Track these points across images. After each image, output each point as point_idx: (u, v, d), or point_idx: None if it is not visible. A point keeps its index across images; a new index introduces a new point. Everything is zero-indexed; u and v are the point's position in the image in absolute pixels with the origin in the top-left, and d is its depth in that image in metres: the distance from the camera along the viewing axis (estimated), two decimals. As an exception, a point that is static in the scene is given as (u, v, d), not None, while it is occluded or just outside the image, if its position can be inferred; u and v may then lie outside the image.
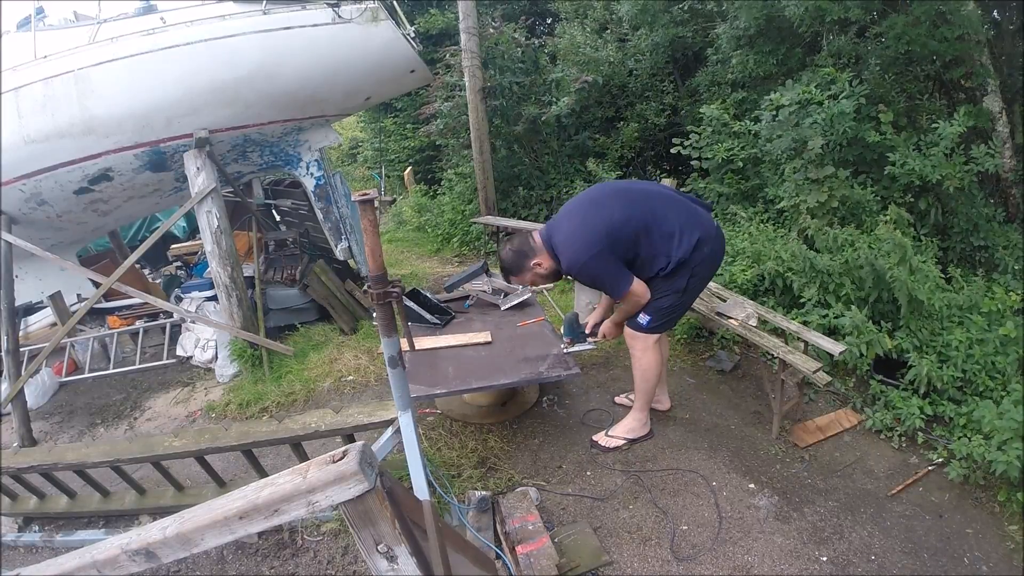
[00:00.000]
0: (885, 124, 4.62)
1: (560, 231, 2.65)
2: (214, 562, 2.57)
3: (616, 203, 2.57)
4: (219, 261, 4.35)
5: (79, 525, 2.95)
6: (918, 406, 3.06)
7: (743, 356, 3.88)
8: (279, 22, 4.06)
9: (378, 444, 2.35)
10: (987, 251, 4.60)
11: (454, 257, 7.50)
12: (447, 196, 8.60)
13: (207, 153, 4.23)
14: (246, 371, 4.33)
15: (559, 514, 2.60)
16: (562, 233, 2.63)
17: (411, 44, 4.43)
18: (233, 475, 3.08)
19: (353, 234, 5.02)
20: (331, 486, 0.98)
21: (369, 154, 13.33)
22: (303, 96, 4.41)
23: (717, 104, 6.12)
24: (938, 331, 3.45)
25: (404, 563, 1.09)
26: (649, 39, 7.89)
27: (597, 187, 2.83)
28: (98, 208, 4.59)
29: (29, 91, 3.96)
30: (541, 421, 3.30)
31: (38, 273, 4.73)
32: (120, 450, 2.60)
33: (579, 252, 2.54)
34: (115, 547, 1.06)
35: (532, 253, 2.69)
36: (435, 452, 3.02)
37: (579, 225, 2.57)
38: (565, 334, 3.01)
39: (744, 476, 2.80)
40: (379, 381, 4.00)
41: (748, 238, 4.68)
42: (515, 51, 7.38)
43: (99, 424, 4.17)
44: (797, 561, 2.33)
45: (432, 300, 3.54)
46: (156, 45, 3.97)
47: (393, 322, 1.93)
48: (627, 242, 2.52)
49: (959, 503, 2.65)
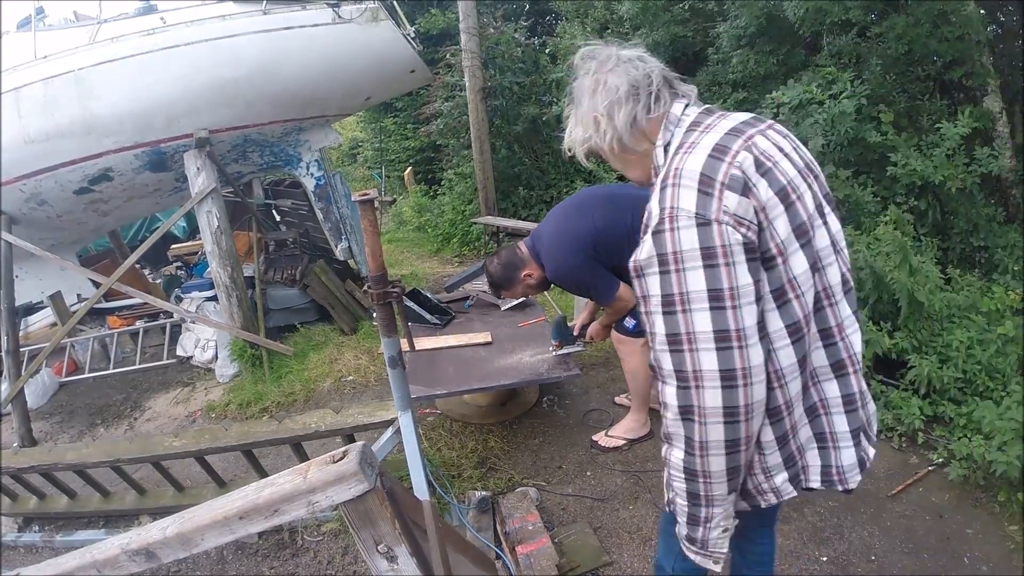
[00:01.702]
0: (886, 124, 4.62)
1: (544, 239, 2.59)
2: (214, 562, 2.57)
3: (600, 209, 2.51)
4: (219, 261, 4.35)
5: (79, 525, 2.96)
6: (918, 406, 3.05)
7: (743, 356, 3.88)
8: (279, 22, 4.06)
9: (378, 444, 2.35)
10: (987, 251, 4.59)
11: (454, 257, 7.50)
12: (447, 196, 8.60)
13: (207, 153, 4.23)
14: (246, 371, 4.33)
15: (559, 514, 2.60)
16: (546, 241, 2.58)
17: (411, 44, 4.43)
18: (233, 475, 3.08)
19: (353, 234, 5.02)
20: (331, 486, 0.97)
21: (369, 154, 13.34)
22: (303, 96, 4.41)
23: (718, 104, 6.12)
24: (938, 331, 3.45)
25: (404, 563, 1.09)
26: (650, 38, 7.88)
27: (582, 192, 2.78)
28: (98, 208, 4.59)
29: (29, 91, 3.96)
30: (541, 421, 3.29)
31: (38, 273, 4.73)
32: (120, 450, 2.60)
33: (563, 260, 2.50)
34: (115, 547, 1.06)
35: (521, 264, 2.64)
36: (435, 452, 3.02)
37: (563, 232, 2.52)
38: (553, 337, 2.97)
39: (744, 476, 2.80)
40: (379, 381, 4.00)
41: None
42: (515, 51, 7.38)
43: (99, 424, 4.17)
44: (797, 561, 2.33)
45: (432, 300, 3.54)
46: (156, 45, 3.97)
47: (393, 322, 1.93)
48: (612, 248, 2.45)
49: (959, 503, 2.64)
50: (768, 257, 1.01)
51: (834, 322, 1.12)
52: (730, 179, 0.98)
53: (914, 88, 5.43)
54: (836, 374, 1.15)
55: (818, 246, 1.09)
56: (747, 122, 1.10)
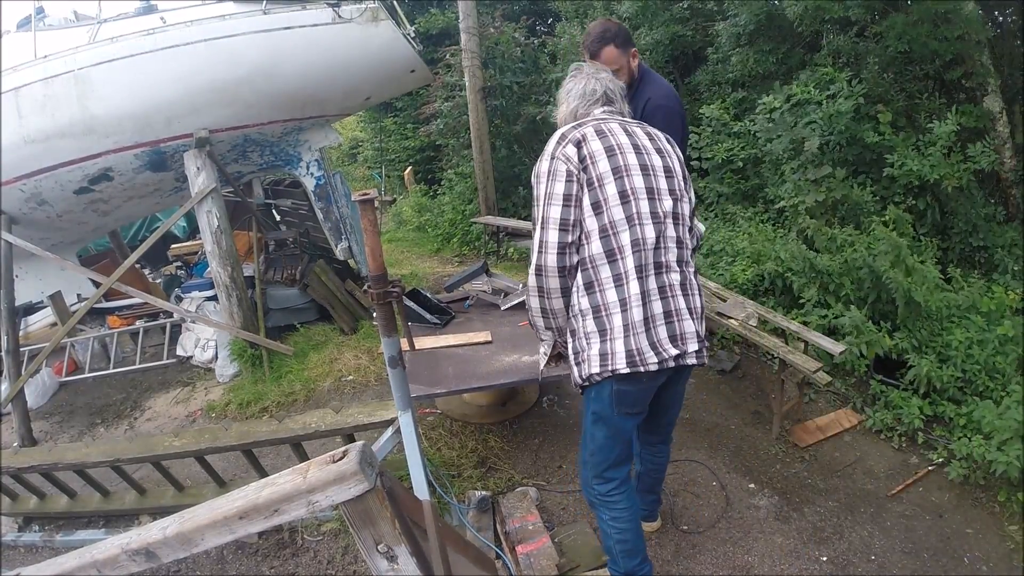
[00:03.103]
0: (884, 124, 4.62)
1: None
2: (214, 562, 2.57)
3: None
4: (219, 261, 4.34)
5: (79, 525, 2.96)
6: (918, 406, 3.06)
7: (743, 356, 3.88)
8: (279, 22, 4.05)
9: (378, 444, 2.36)
10: (987, 251, 4.59)
11: (454, 257, 7.51)
12: (447, 196, 8.60)
13: (207, 153, 4.23)
14: (246, 371, 4.33)
15: (559, 514, 2.60)
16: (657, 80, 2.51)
17: (411, 44, 4.43)
18: (233, 475, 3.08)
19: (353, 234, 5.02)
20: (331, 486, 0.98)
21: (369, 154, 13.33)
22: (303, 96, 4.41)
23: (717, 104, 6.12)
24: (938, 331, 3.45)
25: (404, 563, 1.09)
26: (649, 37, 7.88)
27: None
28: (98, 208, 4.59)
29: (29, 91, 3.95)
30: (541, 421, 3.30)
31: (38, 273, 4.73)
32: (120, 450, 2.60)
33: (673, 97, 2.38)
34: (115, 547, 1.06)
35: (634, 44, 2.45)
36: (435, 452, 3.02)
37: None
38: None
39: (744, 476, 2.80)
40: (379, 381, 4.00)
41: (747, 238, 4.69)
42: (515, 51, 7.38)
43: (99, 424, 4.17)
44: (797, 561, 2.34)
45: (432, 300, 3.54)
46: (156, 45, 3.97)
47: (393, 322, 1.93)
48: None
49: (959, 503, 2.65)
50: (590, 183, 1.67)
51: (640, 236, 1.67)
52: (572, 138, 1.70)
53: (913, 87, 5.43)
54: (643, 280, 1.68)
55: (633, 184, 1.68)
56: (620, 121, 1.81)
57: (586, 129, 1.72)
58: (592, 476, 1.89)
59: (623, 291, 1.66)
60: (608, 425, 1.79)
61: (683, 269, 1.75)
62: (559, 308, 1.74)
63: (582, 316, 1.70)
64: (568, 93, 1.88)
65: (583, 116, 1.83)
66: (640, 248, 1.66)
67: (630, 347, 1.65)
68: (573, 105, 1.86)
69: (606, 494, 1.88)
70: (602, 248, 1.66)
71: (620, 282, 1.66)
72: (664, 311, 1.69)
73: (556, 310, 1.75)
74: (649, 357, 1.65)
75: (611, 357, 1.66)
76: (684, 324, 1.71)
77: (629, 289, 1.66)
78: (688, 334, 1.71)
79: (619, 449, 1.85)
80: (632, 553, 1.90)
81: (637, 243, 1.66)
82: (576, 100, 1.85)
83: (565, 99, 1.89)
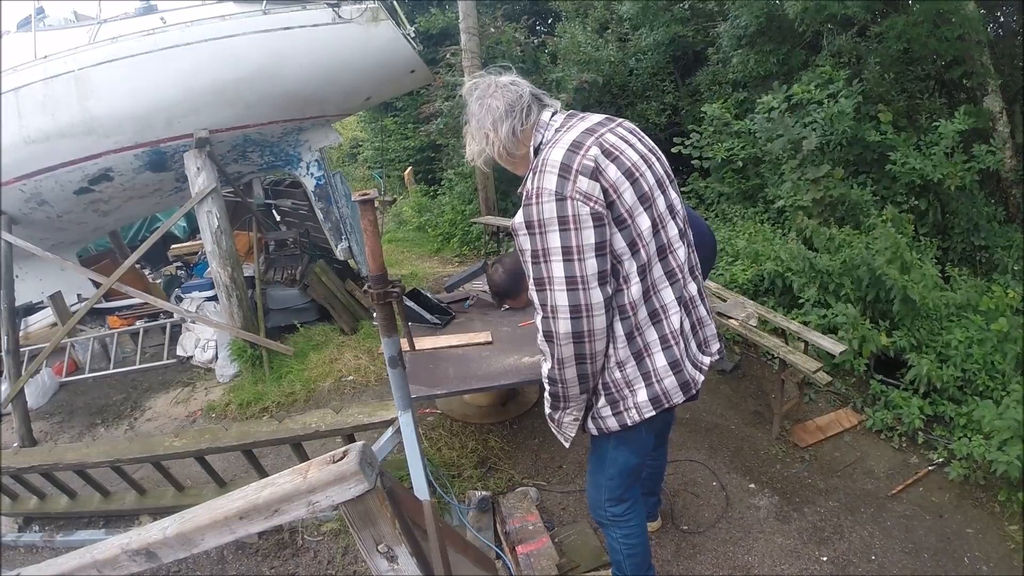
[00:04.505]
0: (885, 124, 4.63)
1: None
2: (214, 562, 2.57)
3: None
4: (219, 261, 4.34)
5: (79, 525, 2.96)
6: (918, 406, 3.05)
7: (743, 356, 3.88)
8: (279, 22, 4.05)
9: (378, 444, 2.36)
10: (987, 251, 4.60)
11: (454, 257, 7.51)
12: (447, 196, 8.60)
13: (207, 153, 4.23)
14: (246, 371, 4.33)
15: (559, 514, 2.60)
16: None
17: (411, 44, 4.43)
18: (233, 475, 3.08)
19: (353, 234, 5.02)
20: (331, 486, 0.98)
21: (369, 154, 13.33)
22: (303, 96, 4.41)
23: (718, 103, 6.13)
24: (937, 331, 3.45)
25: (404, 563, 1.09)
26: (650, 38, 7.89)
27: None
28: (98, 208, 4.59)
29: (29, 91, 3.95)
30: (541, 421, 3.29)
31: (38, 273, 4.73)
32: (120, 450, 2.60)
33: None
34: (115, 547, 1.06)
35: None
36: (435, 452, 3.02)
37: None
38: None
39: (744, 476, 2.80)
40: (379, 381, 4.00)
41: (747, 238, 4.69)
42: (515, 51, 7.38)
43: (99, 424, 4.17)
44: (797, 561, 2.33)
45: (432, 300, 3.53)
46: (156, 45, 3.97)
47: (393, 322, 1.93)
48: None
49: (959, 503, 2.65)
50: (620, 220, 1.38)
51: (675, 265, 1.50)
52: (582, 167, 1.33)
53: (913, 87, 5.44)
54: (681, 307, 1.52)
55: (659, 210, 1.46)
56: (600, 123, 1.47)
57: (591, 150, 1.36)
58: (607, 499, 1.76)
59: (663, 327, 1.48)
60: (633, 444, 1.66)
61: (696, 276, 1.61)
62: (601, 350, 1.45)
63: (619, 367, 1.49)
64: (493, 120, 1.48)
65: (525, 131, 1.48)
66: (677, 278, 1.49)
67: (683, 380, 1.52)
68: (506, 129, 1.46)
69: (621, 515, 1.77)
70: (641, 289, 1.43)
71: (658, 318, 1.48)
72: (691, 324, 1.58)
73: (597, 353, 1.44)
74: (696, 376, 1.57)
75: (664, 396, 1.51)
76: (707, 329, 1.65)
77: (671, 324, 1.49)
78: (711, 337, 1.66)
79: (641, 465, 1.77)
80: (641, 564, 1.87)
81: (672, 273, 1.49)
82: (507, 121, 1.46)
83: (492, 128, 1.48)
